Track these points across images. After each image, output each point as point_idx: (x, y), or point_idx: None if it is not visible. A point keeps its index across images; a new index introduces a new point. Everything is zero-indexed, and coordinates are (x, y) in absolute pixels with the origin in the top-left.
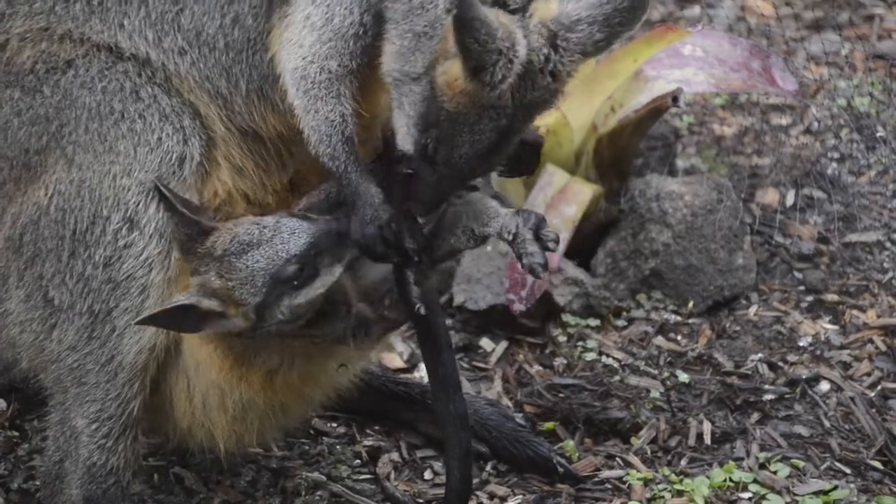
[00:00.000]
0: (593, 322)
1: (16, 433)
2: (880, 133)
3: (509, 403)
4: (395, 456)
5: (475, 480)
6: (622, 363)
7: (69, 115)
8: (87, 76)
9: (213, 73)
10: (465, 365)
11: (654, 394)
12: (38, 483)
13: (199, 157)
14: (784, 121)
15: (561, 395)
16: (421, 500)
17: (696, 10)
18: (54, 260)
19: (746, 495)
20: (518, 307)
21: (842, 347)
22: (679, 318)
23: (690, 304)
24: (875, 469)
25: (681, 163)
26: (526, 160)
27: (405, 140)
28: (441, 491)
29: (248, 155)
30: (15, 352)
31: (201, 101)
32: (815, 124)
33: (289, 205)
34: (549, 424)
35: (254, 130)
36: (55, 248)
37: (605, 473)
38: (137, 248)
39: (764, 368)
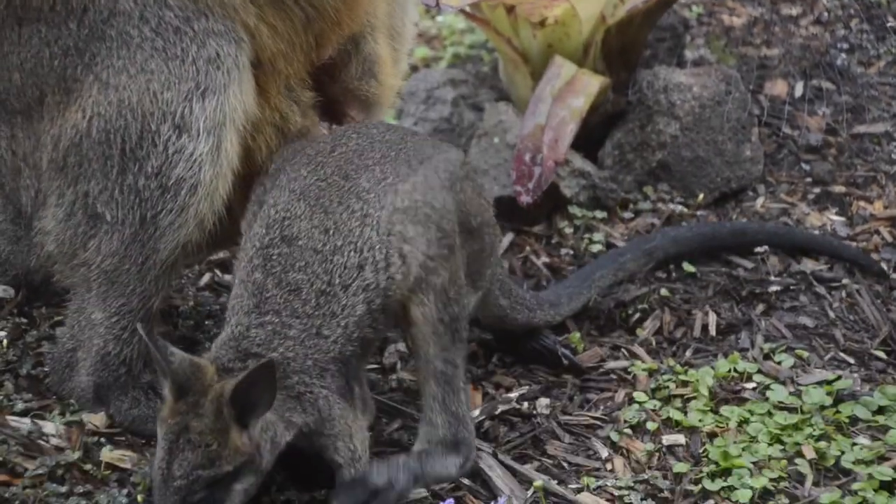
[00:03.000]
0: (600, 214)
1: (24, 320)
2: (890, 23)
3: None
4: (401, 346)
5: (480, 371)
6: None
7: (99, 46)
8: (105, 12)
9: None
10: None
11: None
12: (46, 369)
13: (235, 44)
14: (794, 11)
15: None
16: None
17: None
18: (101, 178)
19: (751, 385)
20: (525, 199)
21: (848, 238)
22: (686, 210)
23: (700, 197)
24: (878, 359)
25: (689, 54)
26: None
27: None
28: None
29: (277, 13)
30: (50, 263)
31: None
32: (825, 14)
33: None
34: None
35: None
36: (101, 168)
37: (610, 364)
38: (188, 150)
39: (770, 260)
